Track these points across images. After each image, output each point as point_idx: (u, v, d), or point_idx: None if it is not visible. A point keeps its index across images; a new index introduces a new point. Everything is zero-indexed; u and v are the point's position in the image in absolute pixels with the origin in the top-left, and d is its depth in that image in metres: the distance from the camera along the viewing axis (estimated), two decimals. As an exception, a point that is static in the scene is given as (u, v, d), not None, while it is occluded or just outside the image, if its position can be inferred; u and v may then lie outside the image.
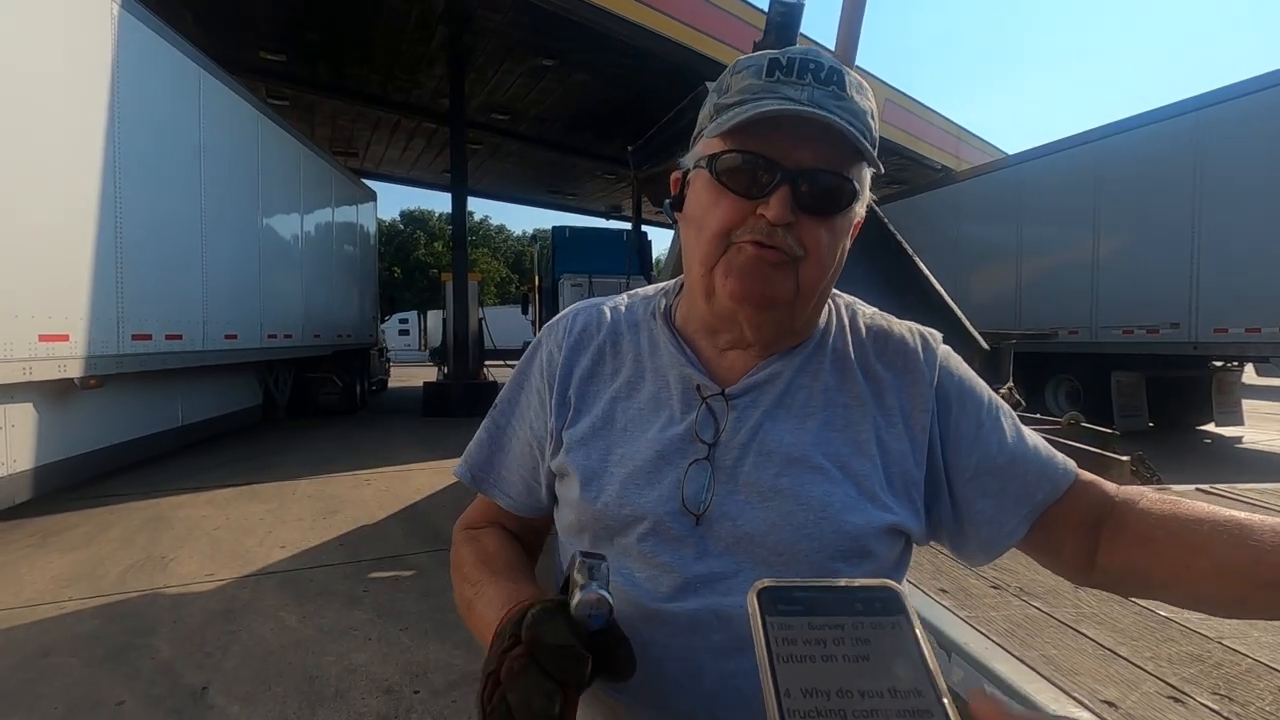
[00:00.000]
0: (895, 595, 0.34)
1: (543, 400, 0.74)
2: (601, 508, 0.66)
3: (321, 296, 10.23)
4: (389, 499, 5.52)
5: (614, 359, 0.73)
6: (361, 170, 15.44)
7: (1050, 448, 0.72)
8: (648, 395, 0.70)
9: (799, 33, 4.16)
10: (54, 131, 4.54)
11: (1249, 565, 0.54)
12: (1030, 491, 0.68)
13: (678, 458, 0.66)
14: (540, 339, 0.78)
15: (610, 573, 0.51)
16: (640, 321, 0.75)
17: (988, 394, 0.73)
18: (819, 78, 0.60)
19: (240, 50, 9.84)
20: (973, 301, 9.45)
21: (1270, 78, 6.94)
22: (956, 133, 15.47)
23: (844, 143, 0.59)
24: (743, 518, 0.63)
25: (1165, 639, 1.02)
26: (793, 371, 0.68)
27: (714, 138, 0.63)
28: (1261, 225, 6.92)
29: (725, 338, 0.69)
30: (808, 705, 0.30)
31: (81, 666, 2.74)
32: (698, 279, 0.66)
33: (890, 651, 0.32)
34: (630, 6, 8.45)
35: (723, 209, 0.62)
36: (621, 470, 0.67)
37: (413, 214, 46.58)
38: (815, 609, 0.33)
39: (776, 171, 0.60)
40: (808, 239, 0.61)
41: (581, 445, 0.69)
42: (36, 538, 4.37)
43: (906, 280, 3.98)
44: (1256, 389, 13.72)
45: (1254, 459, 7.65)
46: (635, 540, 0.65)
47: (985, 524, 0.69)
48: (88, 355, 4.76)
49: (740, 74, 0.63)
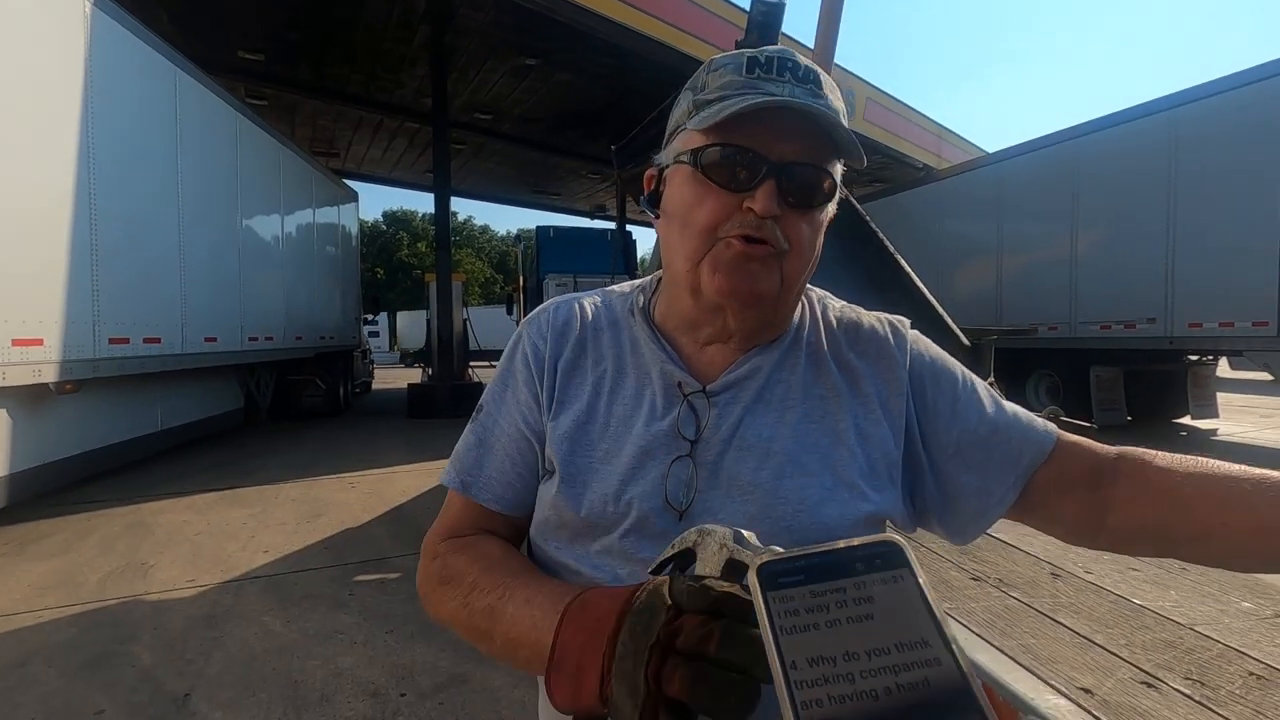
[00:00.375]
0: (896, 548, 0.34)
1: (532, 391, 0.73)
2: (584, 504, 0.66)
3: (303, 298, 10.12)
4: (374, 501, 5.48)
5: (594, 354, 0.73)
6: (343, 170, 15.29)
7: (1030, 414, 0.73)
8: (630, 392, 0.70)
9: (780, 32, 4.19)
10: (25, 132, 4.45)
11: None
12: (1016, 457, 0.69)
13: (660, 454, 0.66)
14: (520, 333, 0.77)
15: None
16: (619, 318, 0.75)
17: (960, 370, 0.75)
18: (797, 76, 0.61)
19: (218, 50, 9.71)
20: (954, 298, 9.57)
21: (1243, 76, 7.08)
22: (938, 131, 15.62)
23: (823, 138, 0.61)
24: (724, 513, 0.64)
25: (1140, 626, 1.04)
26: (771, 366, 0.69)
27: (697, 132, 0.63)
28: (1235, 221, 7.06)
29: (707, 331, 0.70)
30: (814, 674, 0.30)
31: (59, 675, 2.69)
32: (683, 274, 0.66)
33: (894, 606, 0.32)
34: (613, 6, 8.44)
35: (709, 204, 0.62)
36: (605, 467, 0.67)
37: (395, 214, 46.25)
38: (815, 576, 0.33)
39: (762, 165, 0.60)
40: (791, 232, 0.62)
41: (565, 440, 0.69)
42: (13, 545, 4.29)
43: (888, 278, 4.02)
44: (1230, 382, 13.98)
45: (1228, 450, 7.79)
46: (618, 537, 0.65)
47: (974, 495, 0.69)
48: (63, 360, 4.67)
49: (718, 71, 0.64)
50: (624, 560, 0.65)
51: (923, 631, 0.31)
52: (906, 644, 0.31)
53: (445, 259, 11.53)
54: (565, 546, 0.68)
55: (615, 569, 0.65)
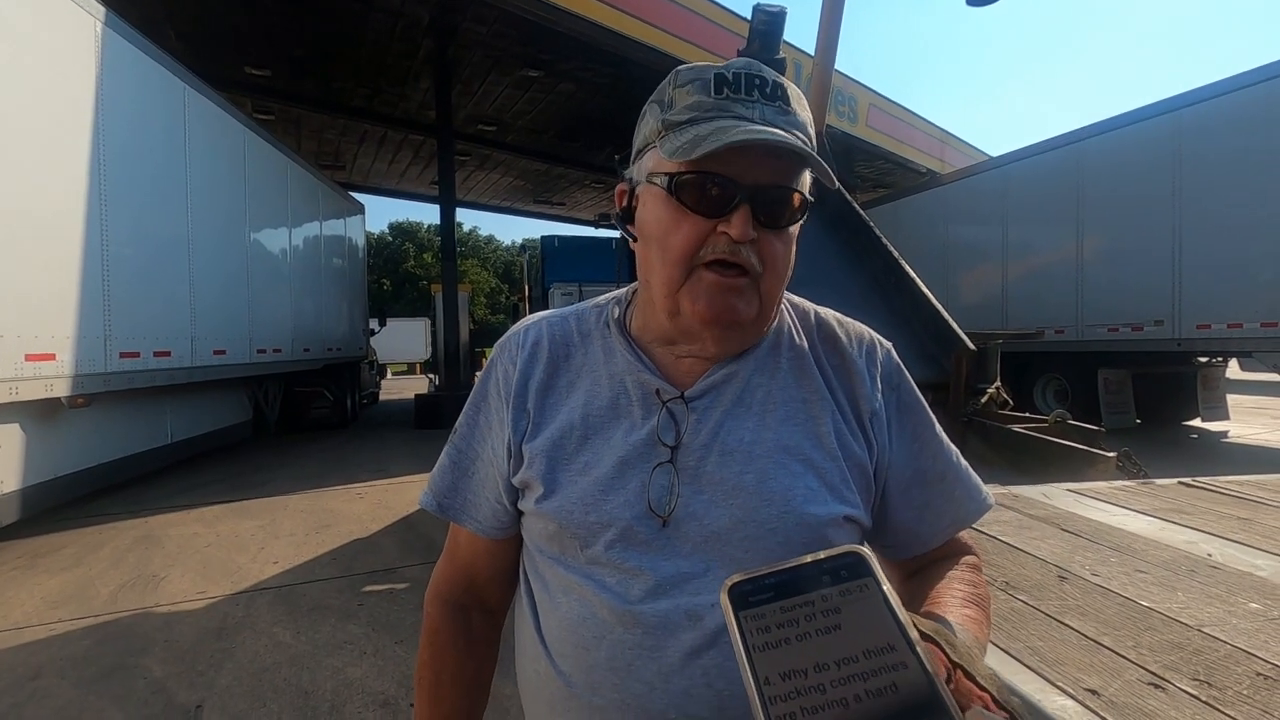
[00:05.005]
0: (860, 558, 0.35)
1: (501, 419, 0.73)
2: (567, 517, 0.67)
3: (310, 310, 10.19)
4: (382, 512, 5.50)
5: (568, 369, 0.74)
6: (349, 183, 15.43)
7: (975, 475, 0.76)
8: (606, 403, 0.70)
9: (782, 39, 4.21)
10: (38, 149, 4.52)
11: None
12: (958, 511, 0.73)
13: (641, 463, 0.66)
14: (494, 358, 0.78)
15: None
16: (592, 331, 0.76)
17: (927, 409, 0.76)
18: (765, 93, 0.62)
19: (225, 66, 9.83)
20: (959, 303, 9.55)
21: (1248, 76, 7.07)
22: (941, 136, 15.63)
23: (794, 158, 0.61)
24: (708, 517, 0.65)
25: (1147, 628, 1.04)
26: (749, 371, 0.70)
27: (669, 159, 0.63)
28: (1242, 221, 7.03)
29: (685, 348, 0.70)
30: (787, 688, 0.30)
31: (72, 688, 2.71)
32: (661, 299, 0.67)
33: (861, 614, 0.33)
34: (614, 16, 8.51)
35: (685, 230, 0.63)
36: (585, 479, 0.67)
37: (401, 226, 46.53)
38: (784, 591, 0.34)
39: (736, 191, 0.61)
40: (766, 252, 0.63)
41: (543, 456, 0.69)
42: (25, 559, 4.32)
43: (893, 282, 4.02)
44: (1241, 384, 13.87)
45: (1239, 453, 7.73)
46: (603, 548, 0.66)
47: (904, 531, 0.73)
48: (75, 374, 4.72)
49: (684, 89, 0.64)
50: (612, 569, 0.65)
51: (888, 637, 0.32)
52: (874, 650, 0.32)
53: (451, 269, 11.61)
54: (559, 558, 0.69)
55: (603, 578, 0.66)
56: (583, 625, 0.65)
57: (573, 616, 0.66)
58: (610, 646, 0.64)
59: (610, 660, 0.63)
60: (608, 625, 0.64)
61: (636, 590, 0.64)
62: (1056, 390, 9.49)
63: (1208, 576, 1.25)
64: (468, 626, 0.81)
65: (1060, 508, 1.77)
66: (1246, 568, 1.29)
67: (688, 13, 9.41)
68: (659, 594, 0.63)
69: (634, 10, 8.72)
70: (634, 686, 0.62)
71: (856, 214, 4.31)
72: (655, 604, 0.63)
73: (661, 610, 0.63)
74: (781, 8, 4.11)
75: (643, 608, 0.63)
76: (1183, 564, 1.32)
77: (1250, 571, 1.27)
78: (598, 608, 0.65)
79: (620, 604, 0.64)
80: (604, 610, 0.64)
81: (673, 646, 0.62)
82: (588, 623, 0.65)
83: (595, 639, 0.64)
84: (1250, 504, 1.79)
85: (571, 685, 0.65)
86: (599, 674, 0.64)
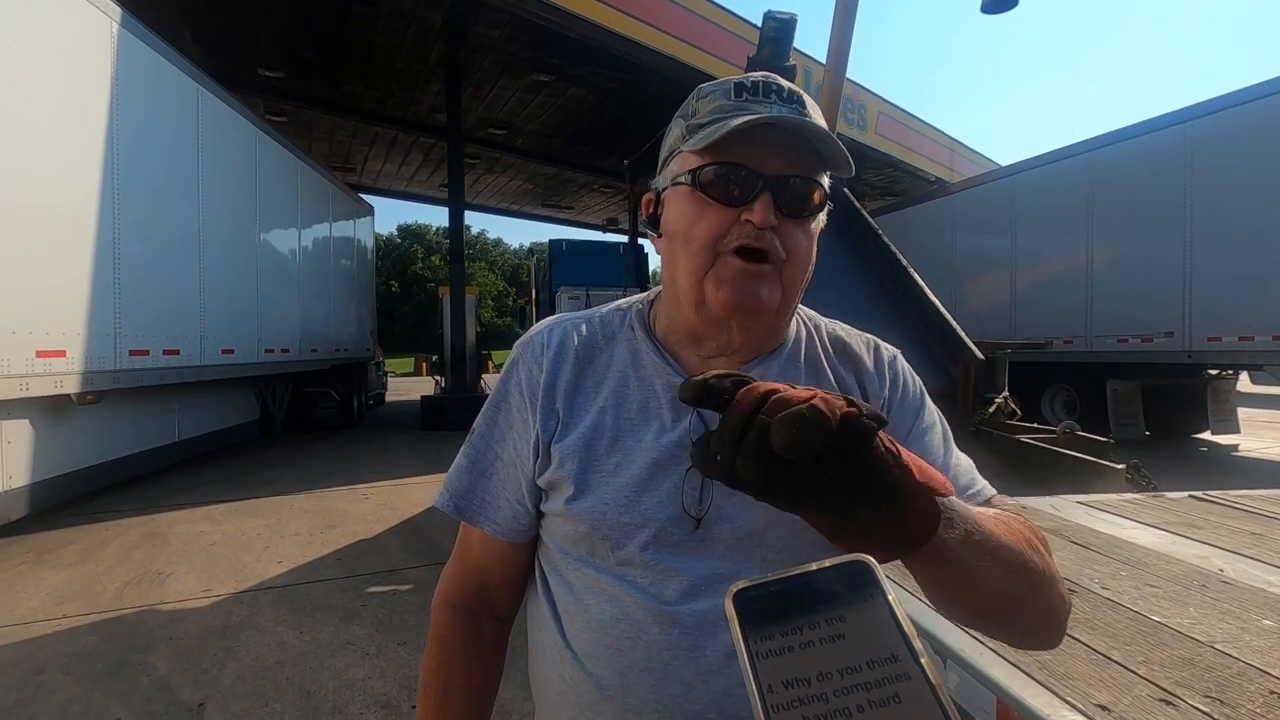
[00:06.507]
0: (866, 568, 0.35)
1: (525, 420, 0.73)
2: (600, 518, 0.67)
3: (319, 311, 10.24)
4: (387, 513, 5.51)
5: (594, 370, 0.74)
6: (359, 185, 15.51)
7: (976, 472, 0.75)
8: (636, 405, 0.71)
9: (791, 46, 4.22)
10: (53, 147, 4.56)
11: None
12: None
13: (674, 465, 0.67)
14: (516, 358, 0.77)
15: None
16: (616, 333, 0.76)
17: (933, 408, 0.77)
18: (782, 97, 0.65)
19: (238, 68, 9.91)
20: (968, 311, 9.53)
21: (1259, 89, 7.04)
22: (950, 144, 15.61)
23: (810, 153, 0.64)
24: (741, 519, 0.65)
25: (1158, 643, 1.03)
26: (774, 375, 0.71)
27: (692, 154, 0.66)
28: (1253, 233, 6.98)
29: (711, 345, 0.71)
30: (789, 696, 0.30)
31: (77, 684, 2.72)
32: (687, 290, 0.68)
33: (865, 624, 0.33)
34: (625, 22, 8.54)
35: (709, 219, 0.65)
36: (617, 480, 0.68)
37: (410, 228, 46.81)
38: (790, 598, 0.34)
39: (757, 179, 0.63)
40: (788, 241, 0.65)
41: (575, 457, 0.69)
42: (32, 554, 4.35)
43: (901, 290, 4.01)
44: (1251, 397, 13.77)
45: (1249, 466, 7.66)
46: (637, 549, 0.66)
47: None
48: (85, 371, 4.76)
49: (707, 98, 0.68)
50: (645, 570, 0.66)
51: (893, 648, 0.32)
52: (877, 661, 0.31)
53: (459, 272, 11.63)
54: (587, 560, 0.69)
55: (637, 579, 0.66)
56: (615, 626, 0.66)
57: (604, 618, 0.67)
58: (646, 647, 0.64)
59: (646, 661, 0.64)
60: (643, 626, 0.65)
61: (671, 591, 0.65)
62: (1065, 401, 9.44)
63: (1220, 592, 1.24)
64: (476, 633, 0.80)
65: (1070, 520, 1.76)
66: (1260, 584, 1.28)
67: (698, 19, 9.45)
68: (695, 595, 0.64)
69: (645, 16, 8.76)
70: (671, 687, 0.63)
71: (864, 220, 4.31)
72: (692, 605, 0.64)
73: (699, 611, 0.64)
74: (792, 15, 4.12)
75: (679, 608, 0.64)
76: (1194, 579, 1.31)
77: (1264, 588, 1.26)
78: (631, 609, 0.65)
79: (656, 605, 0.65)
80: (638, 611, 0.65)
81: (711, 647, 0.63)
82: (621, 624, 0.66)
83: (630, 640, 0.65)
84: (1263, 519, 1.77)
85: (604, 688, 0.65)
86: (634, 675, 0.64)
